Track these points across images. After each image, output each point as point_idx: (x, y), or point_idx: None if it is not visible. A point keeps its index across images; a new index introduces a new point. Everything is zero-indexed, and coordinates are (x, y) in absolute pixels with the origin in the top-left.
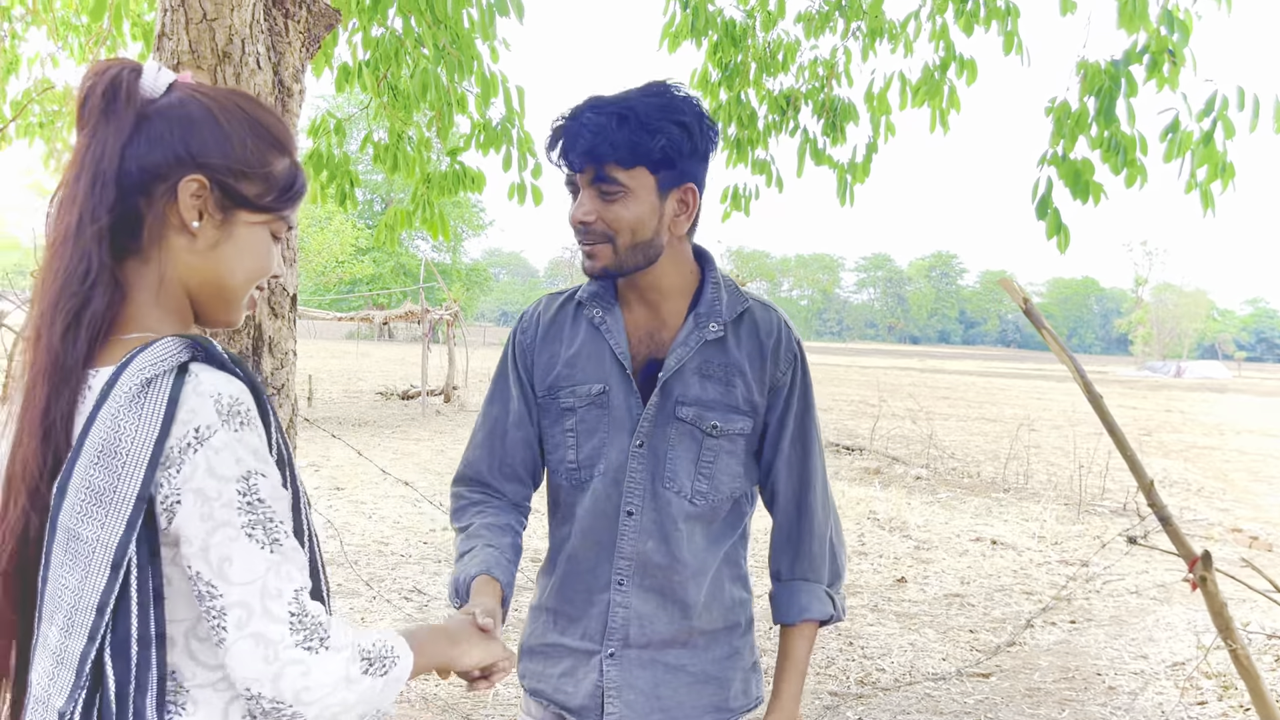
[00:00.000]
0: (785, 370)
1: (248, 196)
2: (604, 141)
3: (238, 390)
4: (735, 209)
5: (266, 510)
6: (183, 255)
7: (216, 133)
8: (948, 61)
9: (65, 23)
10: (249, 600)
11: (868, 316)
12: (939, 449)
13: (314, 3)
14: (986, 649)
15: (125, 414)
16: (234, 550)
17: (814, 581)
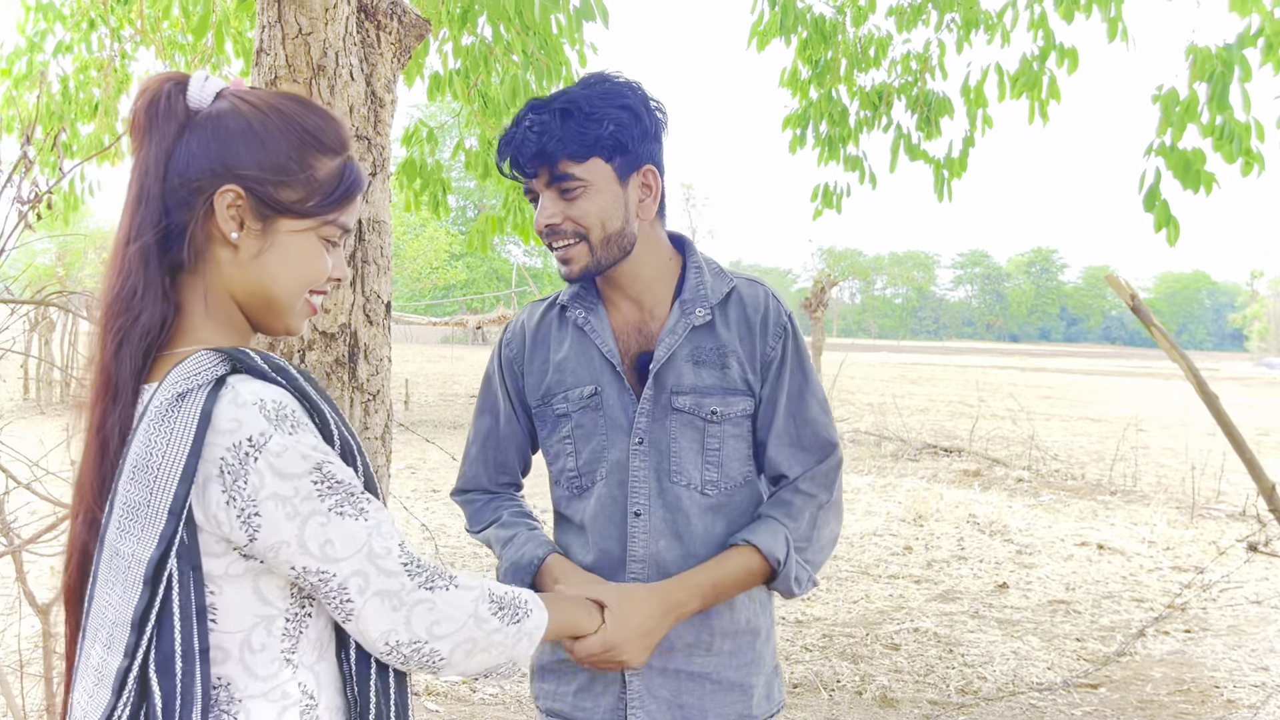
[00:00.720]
0: (775, 344)
1: (287, 203)
2: (551, 139)
3: (279, 395)
4: (827, 206)
5: (346, 488)
6: (227, 267)
7: (251, 140)
8: (1047, 51)
9: (172, 42)
10: (361, 568)
11: (965, 314)
12: (1041, 450)
13: (405, 14)
14: (1095, 659)
15: (157, 429)
16: (330, 532)
17: (780, 523)
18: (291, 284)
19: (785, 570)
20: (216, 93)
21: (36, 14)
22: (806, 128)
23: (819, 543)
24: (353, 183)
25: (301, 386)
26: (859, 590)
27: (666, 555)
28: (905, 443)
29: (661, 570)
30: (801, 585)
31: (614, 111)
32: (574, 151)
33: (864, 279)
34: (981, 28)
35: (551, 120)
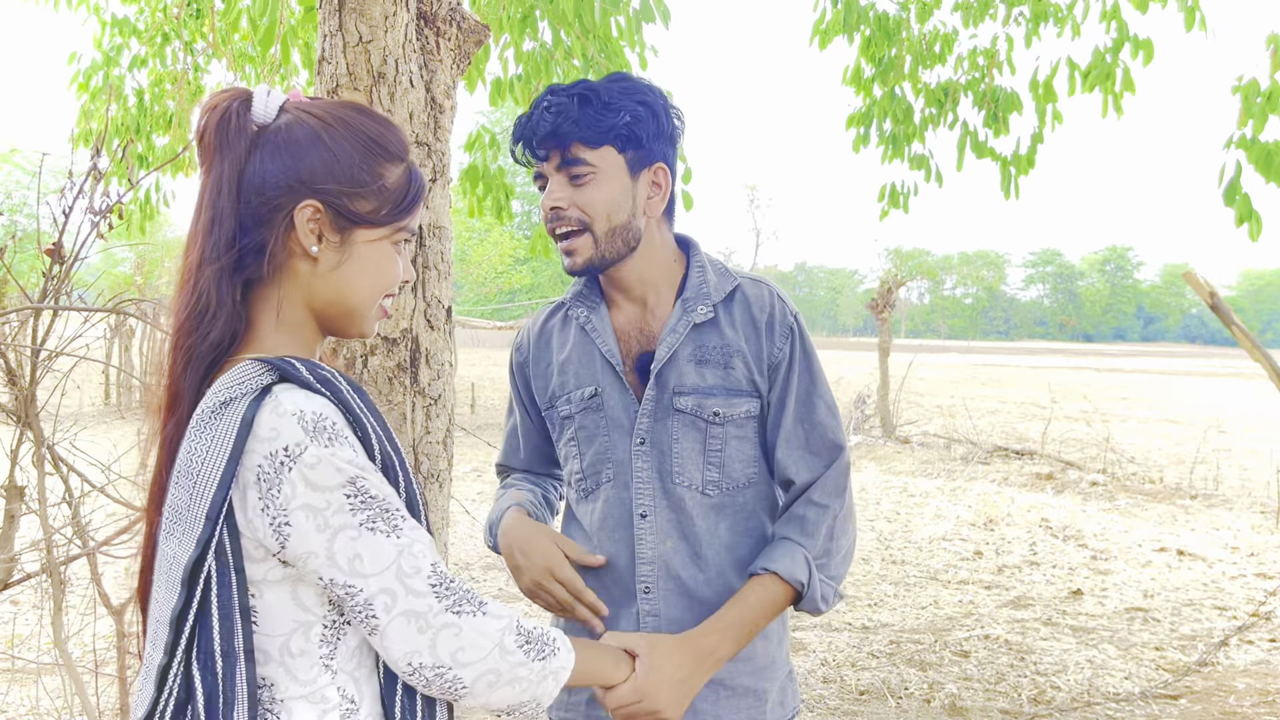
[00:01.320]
0: (782, 344)
1: (363, 214)
2: (566, 120)
3: (320, 407)
4: (894, 206)
5: (381, 504)
6: (306, 279)
7: (324, 153)
8: (1120, 42)
9: (243, 53)
10: (389, 585)
11: (1037, 314)
12: (1117, 453)
13: (464, 20)
14: (1175, 668)
15: (199, 435)
16: (360, 547)
17: (797, 543)
18: (369, 292)
19: (810, 592)
20: (280, 106)
21: (112, 29)
22: (870, 126)
23: (838, 555)
24: (418, 188)
25: (346, 399)
26: (927, 596)
27: (675, 556)
28: (975, 445)
29: (670, 573)
30: (828, 602)
31: (631, 104)
32: (587, 136)
33: (932, 279)
34: (1051, 21)
35: (569, 104)
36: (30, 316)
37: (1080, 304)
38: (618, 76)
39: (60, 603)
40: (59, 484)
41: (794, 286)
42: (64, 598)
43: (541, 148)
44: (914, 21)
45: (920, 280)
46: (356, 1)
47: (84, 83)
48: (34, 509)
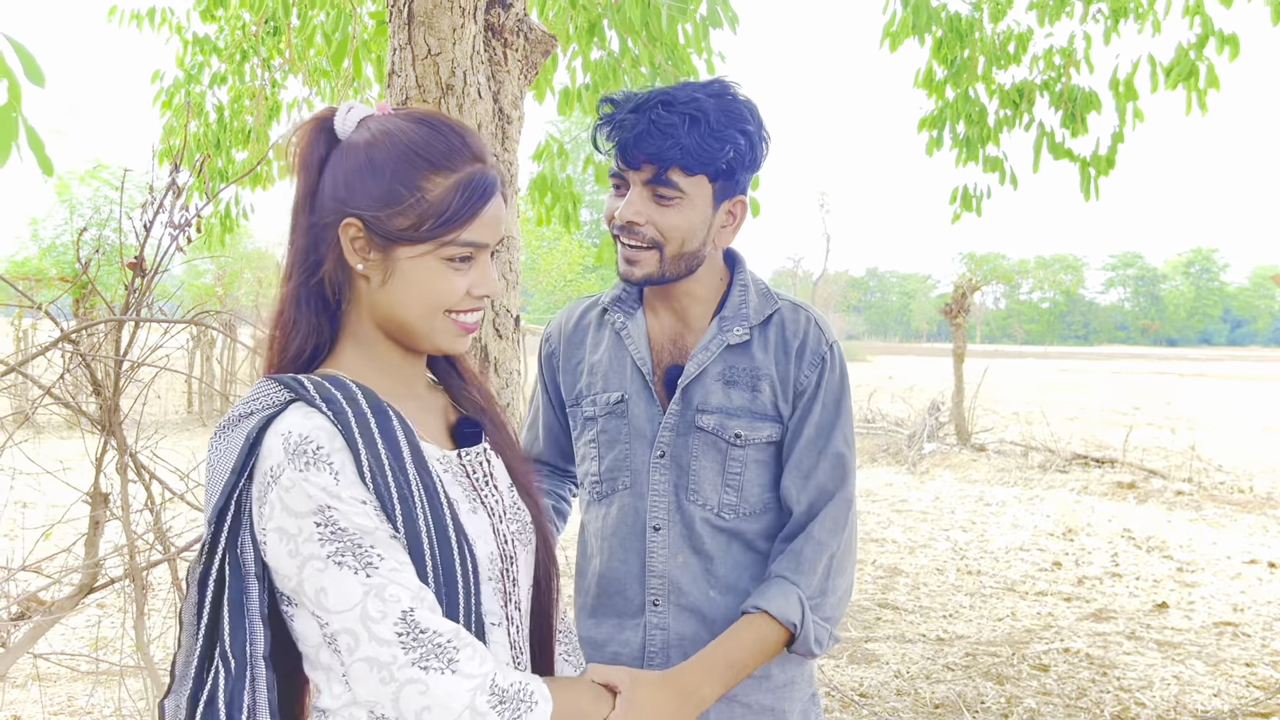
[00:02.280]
0: (810, 372)
1: (400, 230)
2: (674, 145)
3: (310, 429)
4: (966, 209)
5: (352, 538)
6: (366, 296)
7: (365, 171)
8: (1204, 38)
9: (318, 69)
10: (351, 626)
11: (1117, 318)
12: (1204, 461)
13: (531, 31)
14: (1267, 685)
15: (214, 445)
16: (326, 580)
17: (791, 582)
18: (419, 309)
19: (803, 633)
20: (359, 120)
21: (194, 48)
22: (943, 129)
23: (834, 595)
24: (468, 199)
25: (346, 419)
26: (1004, 607)
27: (685, 573)
28: (1053, 453)
29: (679, 589)
30: (821, 645)
31: (736, 135)
32: (689, 164)
33: (1008, 283)
34: (1131, 17)
35: (679, 124)
36: (114, 328)
37: (1163, 308)
38: (720, 89)
39: (142, 607)
40: (141, 491)
41: (866, 292)
42: (146, 602)
43: (637, 159)
44: (987, 21)
45: (995, 285)
46: (425, 14)
47: (167, 100)
48: (117, 515)
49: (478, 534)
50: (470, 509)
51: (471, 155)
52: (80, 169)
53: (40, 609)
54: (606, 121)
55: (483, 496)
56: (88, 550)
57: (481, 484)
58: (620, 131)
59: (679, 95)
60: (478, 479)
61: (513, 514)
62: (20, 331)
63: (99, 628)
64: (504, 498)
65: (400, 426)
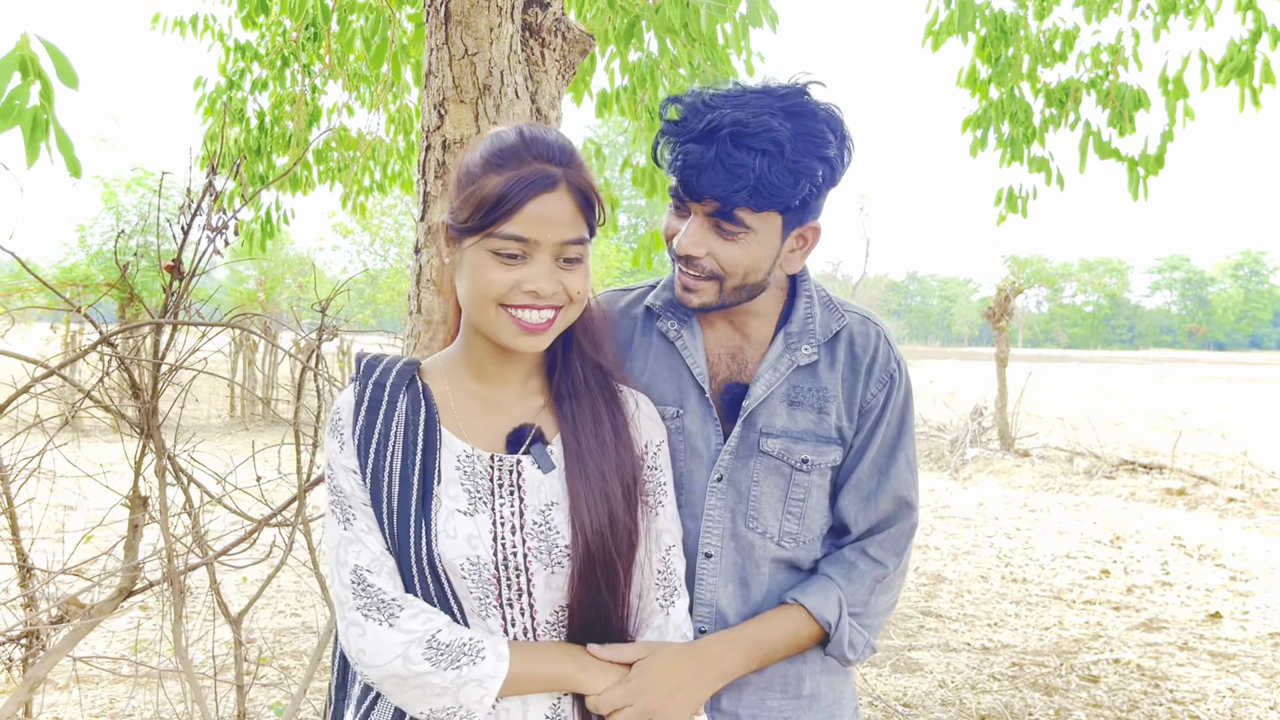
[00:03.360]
0: (878, 391)
1: (461, 222)
2: (743, 187)
3: (342, 401)
4: (1011, 211)
5: (342, 496)
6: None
7: (459, 177)
8: (1258, 33)
9: (357, 73)
10: (332, 562)
11: (1163, 322)
12: (1256, 467)
13: (569, 30)
14: None
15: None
16: (328, 520)
17: (836, 584)
18: (473, 299)
19: (838, 634)
20: None
21: (235, 55)
22: (988, 129)
23: (875, 609)
24: (514, 192)
25: (362, 392)
26: (1051, 616)
27: (730, 605)
28: (1099, 459)
29: (724, 621)
30: (857, 650)
31: (815, 165)
32: (759, 204)
33: (1051, 286)
34: (1182, 13)
35: (750, 165)
36: (152, 331)
37: (1211, 311)
38: (799, 107)
39: (180, 611)
40: (179, 494)
41: (906, 295)
42: (184, 606)
43: (699, 195)
44: (1032, 19)
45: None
46: (462, 14)
47: (209, 107)
48: (156, 519)
49: (462, 533)
50: (465, 509)
51: (533, 156)
52: (127, 176)
53: (80, 612)
54: (670, 138)
55: (494, 502)
56: (127, 553)
57: (502, 491)
58: (684, 159)
59: (752, 125)
60: (499, 485)
61: (536, 531)
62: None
63: (138, 630)
64: (528, 511)
65: (425, 414)
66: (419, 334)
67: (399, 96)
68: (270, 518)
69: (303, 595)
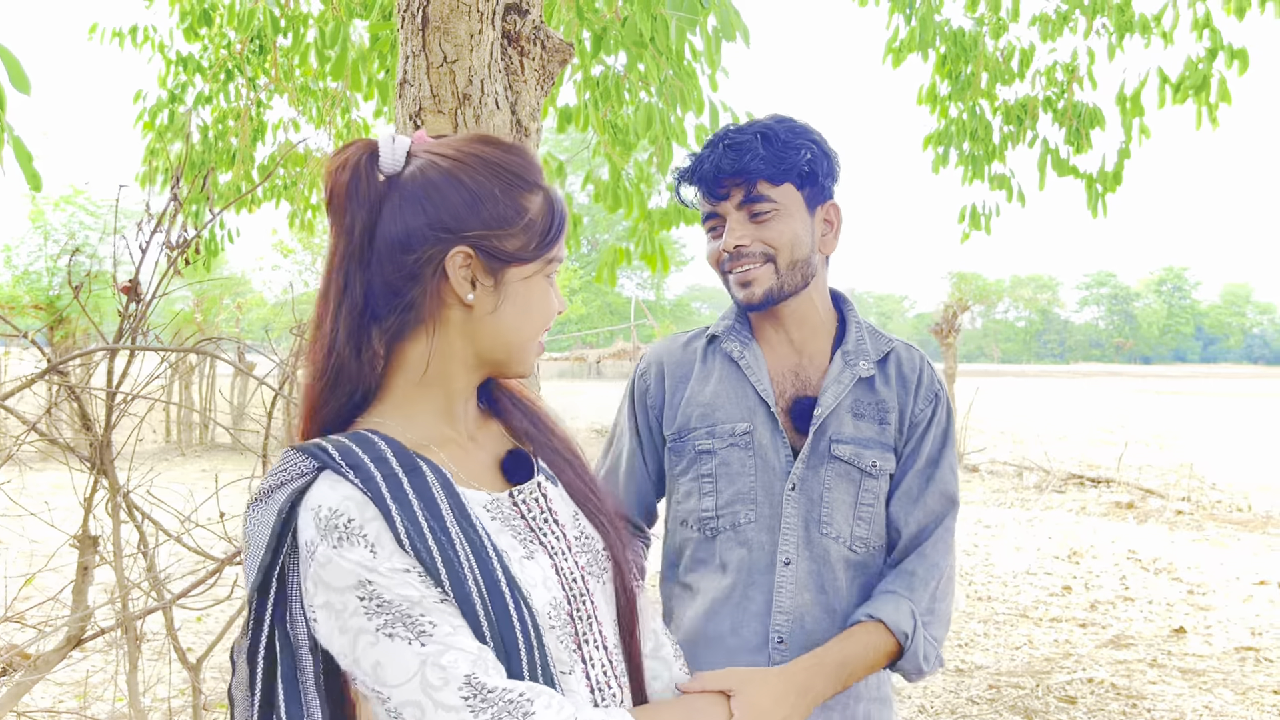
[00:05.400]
0: (926, 406)
1: (513, 252)
2: (753, 158)
3: (340, 500)
4: (975, 228)
5: (399, 608)
6: (461, 327)
7: (465, 195)
8: (1214, 51)
9: (305, 89)
10: (414, 698)
11: (1092, 337)
12: (1198, 479)
13: (548, 39)
14: None
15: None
16: (380, 654)
17: (904, 597)
18: (531, 331)
19: (913, 647)
20: (407, 151)
21: (177, 67)
22: (950, 146)
23: (941, 617)
24: (561, 214)
25: (375, 485)
26: (1020, 635)
27: (809, 611)
28: (1048, 473)
29: (804, 627)
30: (930, 664)
31: (807, 143)
32: (772, 174)
33: (987, 303)
34: (1136, 32)
35: (752, 141)
36: (105, 359)
37: (1137, 326)
38: (780, 118)
39: (135, 661)
40: (133, 532)
41: None
42: (139, 655)
43: (724, 186)
44: (988, 38)
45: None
46: (441, 19)
47: (149, 121)
48: (108, 560)
49: (535, 582)
50: (525, 555)
51: (542, 173)
52: (55, 194)
53: (24, 664)
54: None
55: (541, 537)
56: (76, 599)
57: (539, 523)
58: (700, 169)
59: (742, 127)
60: (534, 518)
61: (580, 546)
62: None
63: (86, 679)
64: (567, 532)
65: (437, 480)
66: None
67: (347, 113)
68: (234, 556)
69: None
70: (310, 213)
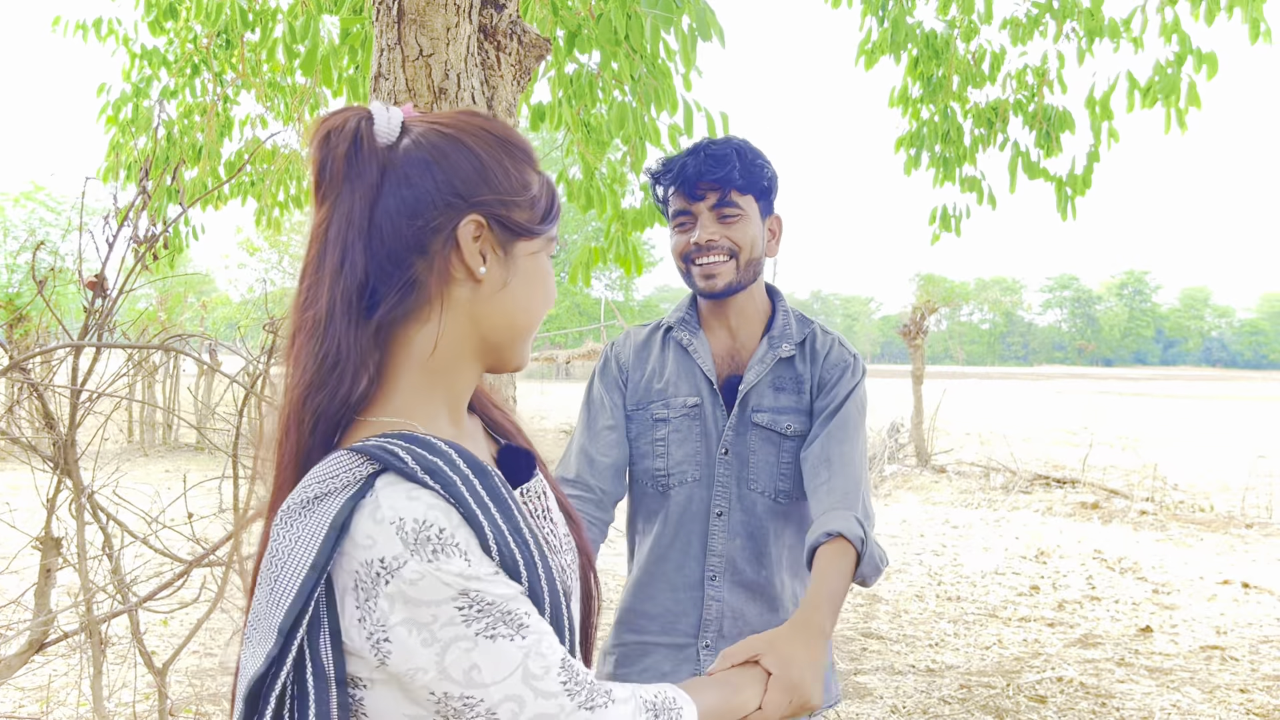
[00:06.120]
0: (833, 370)
1: (523, 224)
2: (731, 169)
3: (424, 510)
4: (945, 230)
5: (500, 608)
6: (468, 307)
7: (475, 162)
8: (1182, 56)
9: (273, 84)
10: (515, 692)
11: (1055, 339)
12: (1161, 480)
13: (524, 34)
14: (1265, 712)
15: (284, 532)
16: (477, 657)
17: (844, 509)
18: (538, 309)
19: (868, 551)
20: (401, 123)
21: (141, 61)
22: (921, 148)
23: (872, 517)
24: (556, 192)
25: (459, 492)
26: (989, 635)
27: (741, 553)
28: (1014, 474)
29: (734, 567)
30: (881, 564)
31: (767, 163)
32: (742, 185)
33: (953, 305)
34: (1105, 37)
35: (730, 154)
36: (69, 355)
37: (1099, 329)
38: (741, 141)
39: (100, 665)
40: (98, 534)
41: (809, 314)
42: (104, 659)
43: (701, 189)
44: (959, 41)
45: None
46: (417, 12)
47: (113, 115)
48: (72, 563)
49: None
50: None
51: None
52: (15, 190)
53: None
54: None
55: (546, 536)
56: (38, 602)
57: (541, 521)
58: (682, 173)
59: (719, 142)
60: (539, 515)
61: (566, 545)
62: None
63: (49, 684)
64: (559, 530)
65: (501, 481)
66: None
67: (316, 108)
68: (202, 558)
69: (218, 633)
70: (278, 210)
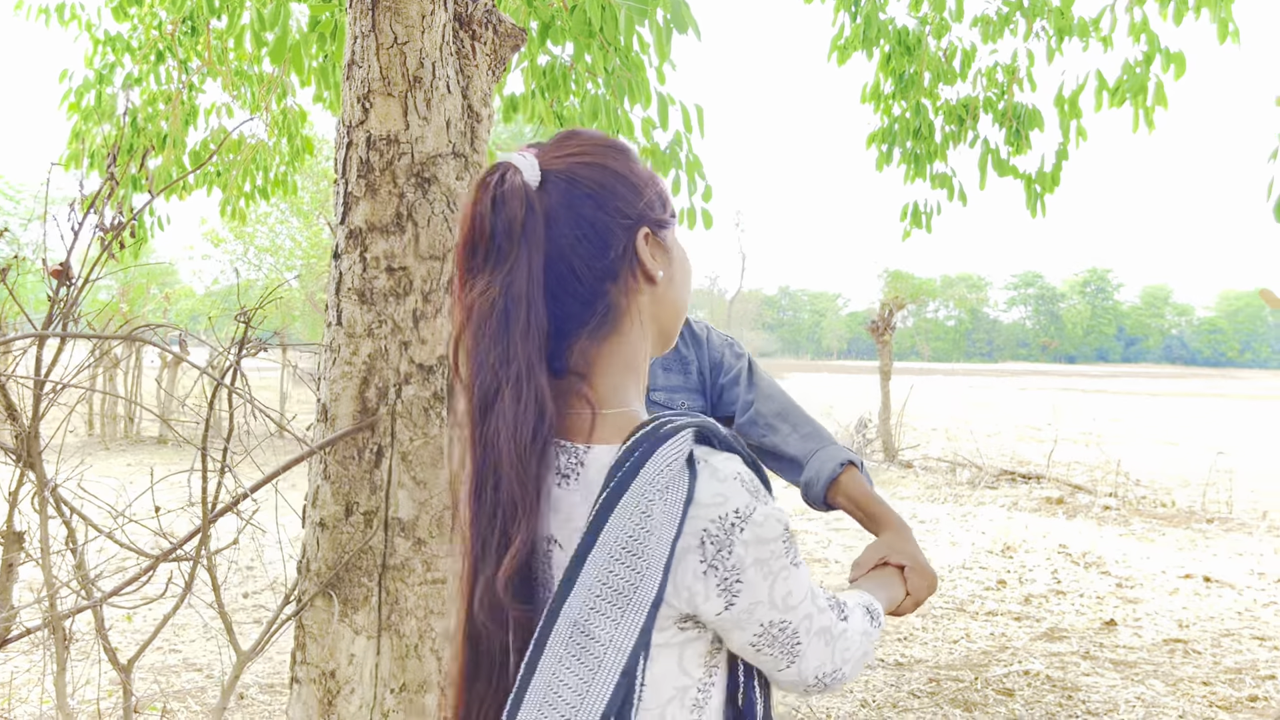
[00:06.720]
0: (720, 347)
1: (665, 218)
2: None
3: (741, 467)
4: (916, 226)
5: (793, 539)
6: (651, 308)
7: (623, 180)
8: (1150, 55)
9: (240, 72)
10: (808, 610)
11: (1019, 336)
12: (1124, 475)
13: (500, 23)
14: (1227, 704)
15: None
16: (790, 583)
17: (823, 440)
18: (690, 287)
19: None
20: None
21: (105, 47)
22: (893, 144)
23: None
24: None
25: (749, 454)
26: (957, 629)
27: None
28: (980, 469)
29: None
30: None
31: None
32: None
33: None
34: (1074, 36)
35: None
36: (33, 345)
37: (1062, 326)
38: None
39: (63, 662)
40: (61, 528)
41: (778, 310)
42: (67, 655)
43: None
44: (930, 38)
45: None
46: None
47: (75, 102)
48: (35, 558)
49: None
50: None
51: None
52: None
53: None
54: None
55: None
56: (0, 597)
57: None
58: None
59: None
60: None
61: None
62: None
63: (11, 680)
64: None
65: None
66: (339, 347)
67: (284, 97)
68: (170, 553)
69: (182, 629)
70: (244, 201)
